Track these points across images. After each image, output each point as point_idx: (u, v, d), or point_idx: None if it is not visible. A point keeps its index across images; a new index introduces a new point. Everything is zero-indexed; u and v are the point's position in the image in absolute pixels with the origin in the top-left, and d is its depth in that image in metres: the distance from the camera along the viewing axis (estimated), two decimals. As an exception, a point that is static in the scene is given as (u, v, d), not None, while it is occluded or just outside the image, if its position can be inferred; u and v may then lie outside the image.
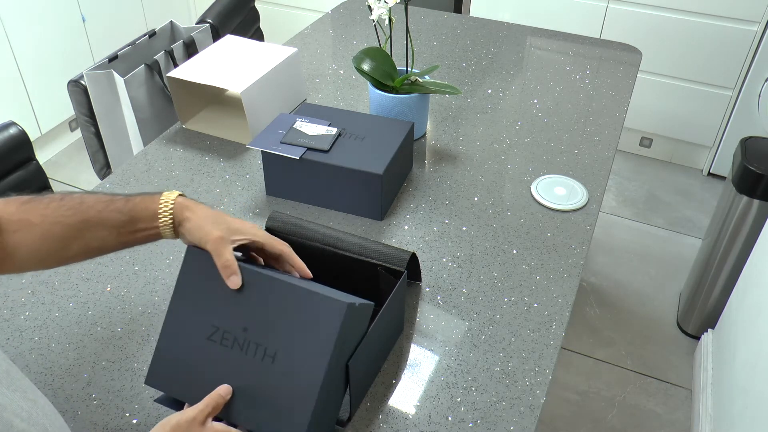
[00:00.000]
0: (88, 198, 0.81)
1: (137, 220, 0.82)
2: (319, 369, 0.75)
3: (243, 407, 0.78)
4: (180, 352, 0.82)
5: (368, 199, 1.22)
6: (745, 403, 1.47)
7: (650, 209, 2.62)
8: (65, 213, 0.79)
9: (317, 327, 0.77)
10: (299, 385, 0.76)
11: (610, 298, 2.23)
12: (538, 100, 1.63)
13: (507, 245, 1.19)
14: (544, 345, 1.00)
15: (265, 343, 0.78)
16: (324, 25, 2.02)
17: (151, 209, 0.83)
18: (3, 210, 0.77)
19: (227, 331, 0.80)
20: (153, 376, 0.82)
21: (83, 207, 0.80)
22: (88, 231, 0.80)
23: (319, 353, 0.76)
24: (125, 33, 2.74)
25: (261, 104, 1.45)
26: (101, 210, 0.81)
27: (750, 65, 2.47)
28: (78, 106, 1.69)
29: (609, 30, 2.64)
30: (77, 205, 0.80)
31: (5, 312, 1.04)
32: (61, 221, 0.79)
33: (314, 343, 0.76)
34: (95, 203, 0.81)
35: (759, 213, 1.78)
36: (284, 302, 0.79)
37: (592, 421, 1.85)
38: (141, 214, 0.82)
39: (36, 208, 0.78)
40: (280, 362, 0.77)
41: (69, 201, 0.80)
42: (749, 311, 1.61)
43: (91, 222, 0.80)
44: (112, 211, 0.81)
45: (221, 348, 0.80)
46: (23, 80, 2.60)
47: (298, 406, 0.75)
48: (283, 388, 0.76)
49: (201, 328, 0.81)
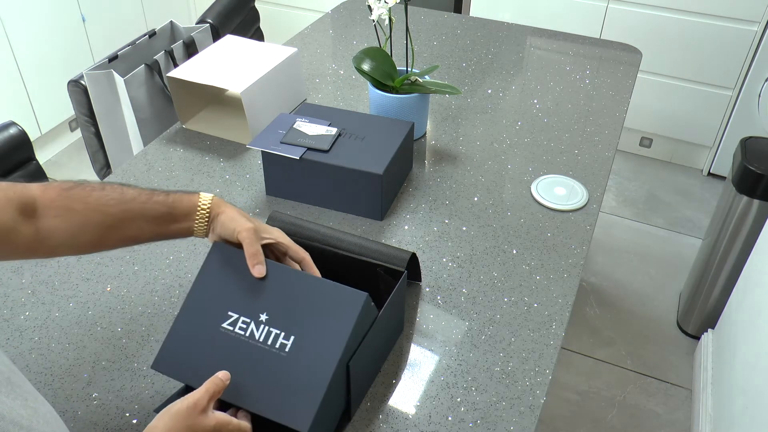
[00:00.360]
0: (129, 189, 0.84)
1: (176, 214, 0.86)
2: (333, 357, 0.78)
3: (251, 391, 0.79)
4: (192, 339, 0.83)
5: (368, 199, 1.22)
6: (745, 403, 1.47)
7: (650, 209, 2.62)
8: (108, 202, 0.81)
9: (336, 314, 0.81)
10: (311, 372, 0.78)
11: (610, 298, 2.23)
12: (538, 100, 1.63)
13: (507, 245, 1.19)
14: (544, 345, 1.00)
15: (282, 330, 0.81)
16: (324, 25, 2.02)
17: (190, 205, 0.86)
18: (43, 195, 0.78)
19: (245, 320, 0.83)
20: (161, 362, 0.83)
21: (125, 197, 0.82)
22: (129, 221, 0.83)
23: (335, 341, 0.79)
24: (125, 33, 2.74)
25: (261, 104, 1.45)
26: (144, 201, 0.83)
27: (750, 65, 2.47)
28: (78, 106, 1.69)
29: (609, 30, 2.64)
30: (119, 196, 0.82)
31: (5, 312, 1.04)
32: (103, 210, 0.80)
33: (331, 330, 0.80)
34: (138, 195, 0.83)
35: (759, 213, 1.78)
36: (305, 292, 0.84)
37: (592, 421, 1.85)
38: (181, 208, 0.86)
39: (78, 195, 0.80)
40: (295, 349, 0.80)
41: (111, 191, 0.82)
42: (749, 311, 1.61)
43: (132, 212, 0.82)
44: (155, 203, 0.84)
45: (235, 336, 0.82)
46: (23, 80, 2.60)
47: (307, 392, 0.77)
48: (294, 375, 0.78)
49: (217, 317, 0.84)
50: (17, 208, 0.75)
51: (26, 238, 0.76)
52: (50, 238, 0.78)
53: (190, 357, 0.82)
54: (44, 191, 0.78)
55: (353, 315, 0.80)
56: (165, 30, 1.86)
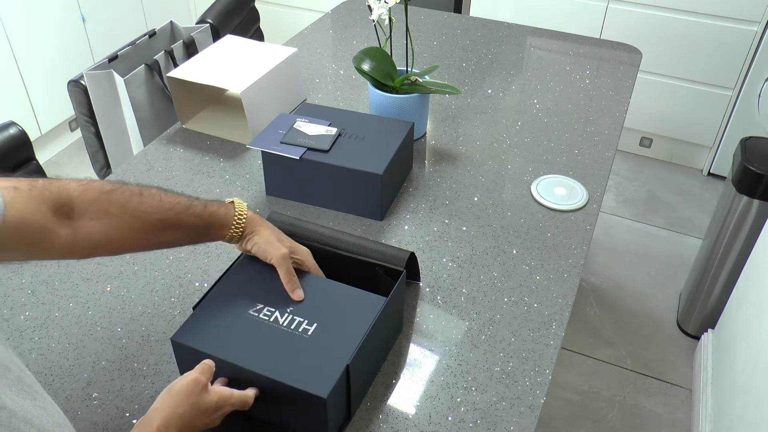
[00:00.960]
0: (167, 197, 0.84)
1: (212, 226, 0.88)
2: (355, 338, 0.84)
3: (273, 360, 0.81)
4: (217, 318, 0.87)
5: (368, 199, 1.22)
6: (745, 403, 1.47)
7: (650, 209, 2.62)
8: (146, 210, 0.81)
9: (357, 312, 0.88)
10: (333, 350, 0.83)
11: (610, 298, 2.23)
12: (538, 100, 1.63)
13: (507, 245, 1.19)
14: (544, 345, 1.00)
15: (306, 318, 0.87)
16: (324, 25, 2.02)
17: (226, 220, 0.89)
18: (83, 195, 0.77)
19: (270, 308, 0.88)
20: (182, 334, 0.85)
21: (163, 206, 0.83)
22: (166, 230, 0.83)
23: (356, 329, 0.85)
24: (125, 33, 2.74)
25: (261, 104, 1.45)
26: (180, 212, 0.84)
27: (750, 65, 2.47)
28: (78, 106, 1.69)
29: (609, 30, 2.64)
30: (157, 203, 0.82)
31: (5, 312, 1.04)
32: (141, 217, 0.81)
33: (352, 322, 0.86)
34: (175, 205, 0.84)
35: (759, 213, 1.78)
36: (329, 294, 0.91)
37: (592, 421, 1.85)
38: (217, 222, 0.88)
39: (118, 199, 0.80)
40: (316, 333, 0.85)
41: (149, 198, 0.82)
42: (749, 311, 1.61)
43: (169, 222, 0.83)
44: (191, 215, 0.85)
45: (260, 320, 0.87)
46: (23, 80, 2.60)
47: (329, 365, 0.81)
48: (316, 351, 0.83)
49: (243, 305, 0.89)
50: (53, 208, 0.74)
51: (62, 239, 0.75)
52: (87, 240, 0.78)
53: (215, 330, 0.85)
54: (84, 192, 0.78)
55: (374, 312, 0.88)
56: (165, 30, 1.86)
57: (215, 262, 1.14)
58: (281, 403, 0.82)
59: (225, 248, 1.16)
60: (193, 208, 0.85)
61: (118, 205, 0.79)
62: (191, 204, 0.86)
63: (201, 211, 0.86)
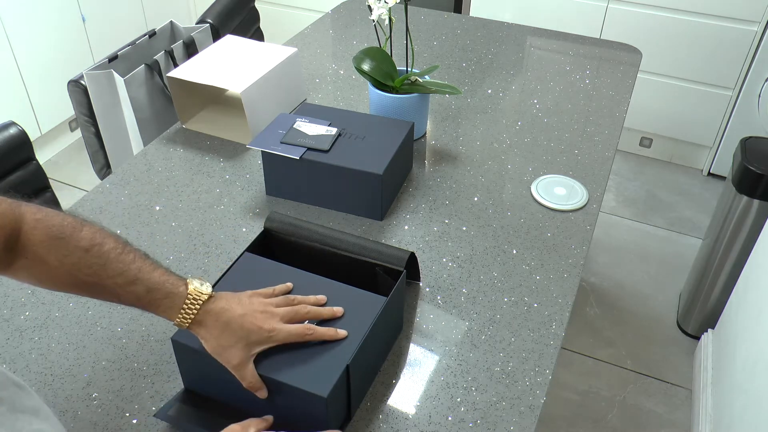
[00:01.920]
0: (115, 264, 0.77)
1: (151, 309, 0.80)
2: (357, 337, 0.85)
3: (275, 361, 0.82)
4: None
5: (368, 199, 1.22)
6: (745, 403, 1.47)
7: (650, 209, 2.62)
8: (85, 271, 0.76)
9: (359, 311, 0.89)
10: (334, 349, 0.83)
11: (610, 298, 2.23)
12: (538, 100, 1.63)
13: (507, 245, 1.19)
14: (544, 345, 1.00)
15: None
16: (324, 25, 2.02)
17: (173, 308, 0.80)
18: (30, 233, 0.74)
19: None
20: (182, 334, 0.84)
21: (105, 273, 0.77)
22: (99, 294, 0.79)
23: (358, 328, 0.86)
24: (125, 33, 2.74)
25: (261, 104, 1.45)
26: (121, 285, 0.78)
27: (750, 65, 2.47)
28: (78, 106, 1.69)
29: (609, 30, 2.64)
30: (99, 269, 0.77)
31: (5, 312, 1.04)
32: (77, 276, 0.76)
33: (354, 321, 0.87)
34: (118, 275, 0.77)
35: (759, 213, 1.78)
36: (330, 293, 0.91)
37: (592, 421, 1.85)
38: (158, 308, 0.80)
39: (59, 251, 0.75)
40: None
41: (95, 258, 0.77)
42: (749, 311, 1.61)
43: (105, 290, 0.78)
44: (130, 293, 0.78)
45: None
46: (23, 80, 2.60)
47: (329, 365, 0.82)
48: (317, 350, 0.83)
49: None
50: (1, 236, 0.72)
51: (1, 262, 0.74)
52: (18, 275, 0.76)
53: None
54: (33, 229, 0.74)
55: (374, 312, 0.89)
56: (165, 30, 1.86)
57: (215, 262, 1.14)
58: (281, 403, 0.82)
59: (225, 248, 1.16)
60: (135, 285, 0.78)
61: (57, 256, 0.75)
62: (135, 280, 0.78)
63: (143, 294, 0.78)
